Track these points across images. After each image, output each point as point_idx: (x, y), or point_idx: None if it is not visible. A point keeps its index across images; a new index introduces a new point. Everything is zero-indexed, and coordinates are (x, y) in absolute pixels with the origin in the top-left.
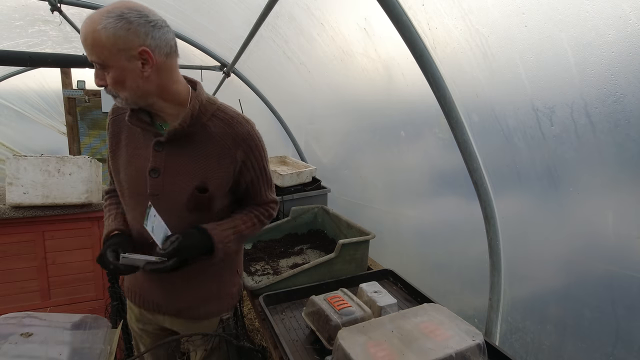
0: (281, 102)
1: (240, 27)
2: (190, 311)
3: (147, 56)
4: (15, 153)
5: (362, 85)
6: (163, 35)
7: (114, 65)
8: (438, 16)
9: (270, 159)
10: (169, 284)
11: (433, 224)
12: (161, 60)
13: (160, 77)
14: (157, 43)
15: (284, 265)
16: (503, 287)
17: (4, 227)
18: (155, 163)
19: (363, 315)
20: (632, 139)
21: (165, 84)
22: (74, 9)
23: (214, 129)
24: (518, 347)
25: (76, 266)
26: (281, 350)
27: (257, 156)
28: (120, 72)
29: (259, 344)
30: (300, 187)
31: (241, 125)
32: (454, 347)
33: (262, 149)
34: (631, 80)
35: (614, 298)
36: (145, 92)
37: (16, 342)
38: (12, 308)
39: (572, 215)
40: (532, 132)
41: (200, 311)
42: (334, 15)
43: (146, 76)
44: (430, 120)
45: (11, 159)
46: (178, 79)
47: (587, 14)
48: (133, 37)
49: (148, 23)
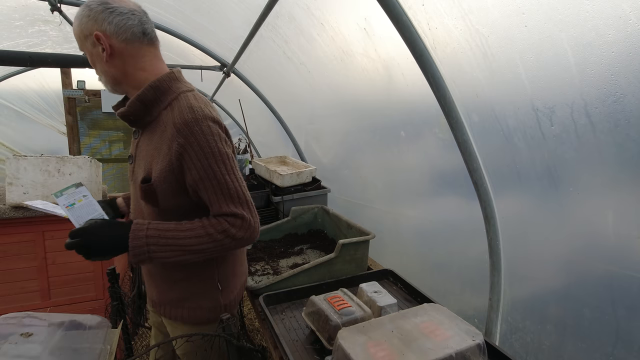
0: (281, 102)
1: (240, 27)
2: (168, 311)
3: (101, 40)
4: (15, 153)
5: (362, 85)
6: (122, 21)
7: (86, 51)
8: (438, 16)
9: (270, 159)
10: (154, 279)
11: (433, 224)
12: (119, 46)
13: (124, 62)
14: (114, 29)
15: (284, 265)
16: (503, 287)
17: (4, 227)
18: (131, 150)
19: (363, 315)
20: (632, 139)
21: (130, 70)
22: (74, 9)
23: (164, 117)
24: (518, 347)
25: (76, 266)
26: (281, 350)
27: (197, 153)
28: (91, 57)
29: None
30: (300, 187)
31: (185, 114)
32: (454, 347)
33: (208, 146)
34: (631, 80)
35: (614, 298)
36: (112, 77)
37: (16, 342)
38: (12, 308)
39: (572, 215)
40: (532, 132)
41: (174, 313)
42: (334, 15)
43: (107, 60)
44: (430, 120)
45: (11, 159)
46: (145, 67)
47: (587, 14)
48: (92, 23)
49: (106, 9)
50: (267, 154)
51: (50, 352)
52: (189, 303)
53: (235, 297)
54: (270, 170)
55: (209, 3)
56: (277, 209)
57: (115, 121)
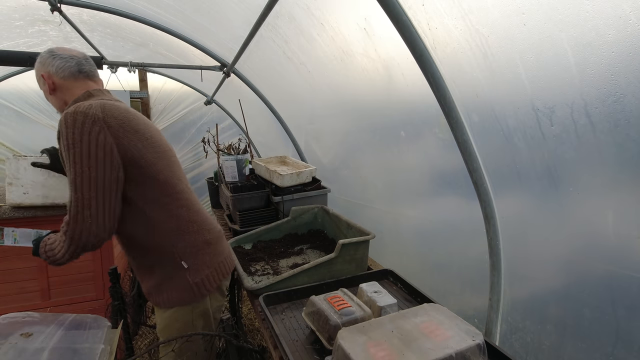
0: (281, 102)
1: (240, 27)
2: (153, 298)
3: (45, 78)
4: (15, 153)
5: (362, 85)
6: (62, 64)
7: (41, 87)
8: (438, 16)
9: (270, 159)
10: (135, 271)
11: (433, 224)
12: (59, 82)
13: (63, 94)
14: (54, 70)
15: (284, 265)
16: (503, 287)
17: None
18: None
19: (363, 315)
20: (632, 139)
21: (67, 99)
22: (74, 9)
23: None
24: (518, 347)
25: (76, 266)
26: (281, 350)
27: (63, 144)
28: (43, 92)
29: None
30: (300, 187)
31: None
32: (454, 347)
33: (68, 138)
34: (631, 80)
35: (614, 298)
36: (56, 105)
37: (16, 342)
38: (12, 308)
39: (572, 215)
40: (532, 132)
41: (157, 299)
42: (334, 15)
43: (50, 93)
44: (430, 120)
45: (11, 159)
46: (76, 96)
47: (587, 14)
48: (40, 66)
49: (51, 56)
50: (267, 154)
51: (50, 352)
52: (164, 287)
53: (207, 277)
54: (270, 170)
55: (209, 3)
56: (277, 209)
57: None
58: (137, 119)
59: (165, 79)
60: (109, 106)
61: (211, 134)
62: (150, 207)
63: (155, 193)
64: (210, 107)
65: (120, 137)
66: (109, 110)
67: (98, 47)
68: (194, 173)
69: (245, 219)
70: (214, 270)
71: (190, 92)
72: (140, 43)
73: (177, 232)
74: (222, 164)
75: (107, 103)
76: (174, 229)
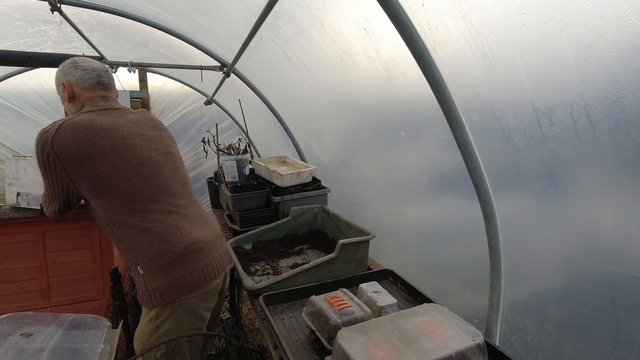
0: (281, 102)
1: (240, 27)
2: None
3: (66, 86)
4: (15, 153)
5: (362, 85)
6: (83, 75)
7: (59, 94)
8: (438, 16)
9: (270, 159)
10: None
11: (433, 224)
12: (78, 91)
13: (79, 102)
14: (75, 80)
15: (284, 265)
16: (503, 287)
17: (4, 227)
18: None
19: (363, 315)
20: (632, 139)
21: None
22: (74, 9)
23: None
24: (518, 347)
25: (76, 266)
26: (281, 350)
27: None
28: (61, 97)
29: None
30: (300, 187)
31: None
32: (454, 347)
33: (37, 155)
34: (631, 80)
35: (614, 298)
36: (71, 111)
37: (16, 342)
38: (12, 308)
39: (572, 215)
40: (532, 132)
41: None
42: (334, 15)
43: (69, 101)
44: (430, 120)
45: (11, 159)
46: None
47: (587, 14)
48: (62, 74)
49: (74, 67)
50: (267, 154)
51: (50, 352)
52: (137, 286)
53: (166, 287)
54: (270, 170)
55: (209, 3)
56: (277, 209)
57: None
58: (94, 135)
59: (165, 79)
60: (65, 127)
61: (211, 134)
62: (115, 215)
63: (118, 202)
64: (210, 107)
65: (64, 161)
66: (63, 132)
67: (98, 47)
68: (194, 173)
69: (245, 219)
70: (177, 284)
71: (190, 92)
72: (140, 43)
73: (133, 239)
74: (222, 164)
75: (70, 121)
76: (132, 237)
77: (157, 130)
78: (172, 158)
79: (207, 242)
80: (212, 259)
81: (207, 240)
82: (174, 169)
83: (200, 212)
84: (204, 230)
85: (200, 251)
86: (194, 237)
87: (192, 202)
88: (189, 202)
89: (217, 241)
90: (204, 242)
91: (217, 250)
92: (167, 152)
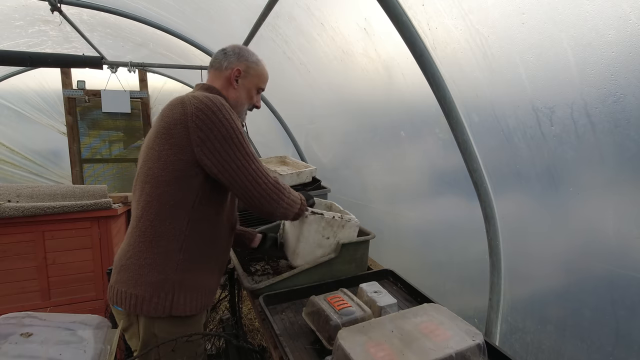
0: (281, 102)
1: (240, 27)
2: None
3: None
4: (15, 153)
5: (362, 85)
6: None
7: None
8: (438, 16)
9: (270, 159)
10: None
11: (433, 224)
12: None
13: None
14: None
15: (284, 265)
16: (503, 287)
17: (4, 227)
18: None
19: (363, 315)
20: (632, 139)
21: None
22: (74, 9)
23: None
24: (518, 347)
25: (76, 266)
26: (281, 350)
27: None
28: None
29: (259, 344)
30: (300, 187)
31: None
32: (454, 347)
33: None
34: (631, 80)
35: (614, 298)
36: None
37: (16, 342)
38: (12, 308)
39: (572, 215)
40: (532, 132)
41: None
42: (334, 15)
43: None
44: (430, 120)
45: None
46: None
47: (587, 14)
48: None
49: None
50: (267, 154)
51: (50, 352)
52: None
53: None
54: (270, 170)
55: (209, 3)
56: None
57: (115, 121)
58: None
59: (166, 79)
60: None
61: None
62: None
63: None
64: None
65: None
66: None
67: (98, 47)
68: None
69: (245, 219)
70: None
71: None
72: (140, 43)
73: None
74: None
75: None
76: None
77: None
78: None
79: None
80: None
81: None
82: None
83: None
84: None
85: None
86: None
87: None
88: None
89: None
90: None
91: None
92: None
